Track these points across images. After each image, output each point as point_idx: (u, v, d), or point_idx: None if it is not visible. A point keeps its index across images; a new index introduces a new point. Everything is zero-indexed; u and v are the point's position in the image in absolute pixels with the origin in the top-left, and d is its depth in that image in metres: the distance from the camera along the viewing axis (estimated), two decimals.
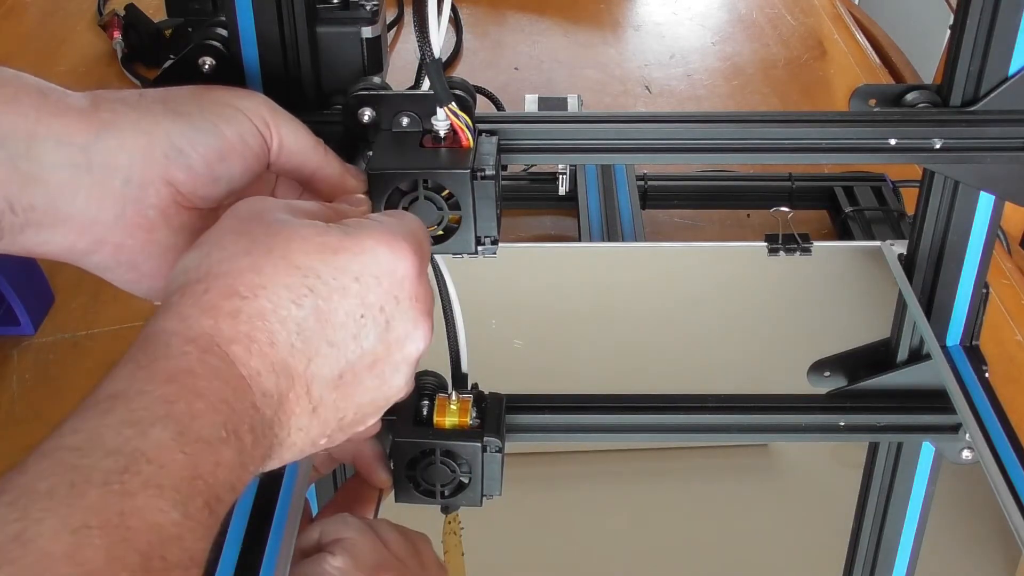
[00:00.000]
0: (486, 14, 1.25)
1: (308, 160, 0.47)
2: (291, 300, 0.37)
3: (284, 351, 0.37)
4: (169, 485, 0.32)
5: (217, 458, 0.34)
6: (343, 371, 0.39)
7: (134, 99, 0.44)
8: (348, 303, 0.38)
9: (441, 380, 0.61)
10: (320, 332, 0.37)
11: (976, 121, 0.58)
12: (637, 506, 0.64)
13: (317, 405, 0.38)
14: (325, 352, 0.38)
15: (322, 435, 0.40)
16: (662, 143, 0.58)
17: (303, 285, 0.37)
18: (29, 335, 0.74)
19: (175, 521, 0.31)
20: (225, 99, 0.45)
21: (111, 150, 0.42)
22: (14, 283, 0.72)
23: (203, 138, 0.43)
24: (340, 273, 0.38)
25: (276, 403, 0.37)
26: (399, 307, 0.39)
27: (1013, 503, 0.55)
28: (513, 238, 0.86)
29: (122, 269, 0.44)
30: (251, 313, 0.36)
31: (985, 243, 0.62)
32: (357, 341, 0.39)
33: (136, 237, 0.43)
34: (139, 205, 0.43)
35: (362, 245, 0.39)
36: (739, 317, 0.76)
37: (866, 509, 0.62)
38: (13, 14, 1.20)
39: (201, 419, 0.34)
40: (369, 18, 0.55)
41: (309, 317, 0.37)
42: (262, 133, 0.45)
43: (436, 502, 0.57)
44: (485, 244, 0.53)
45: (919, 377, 0.66)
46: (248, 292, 0.37)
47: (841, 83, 1.10)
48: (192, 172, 0.43)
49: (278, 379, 0.36)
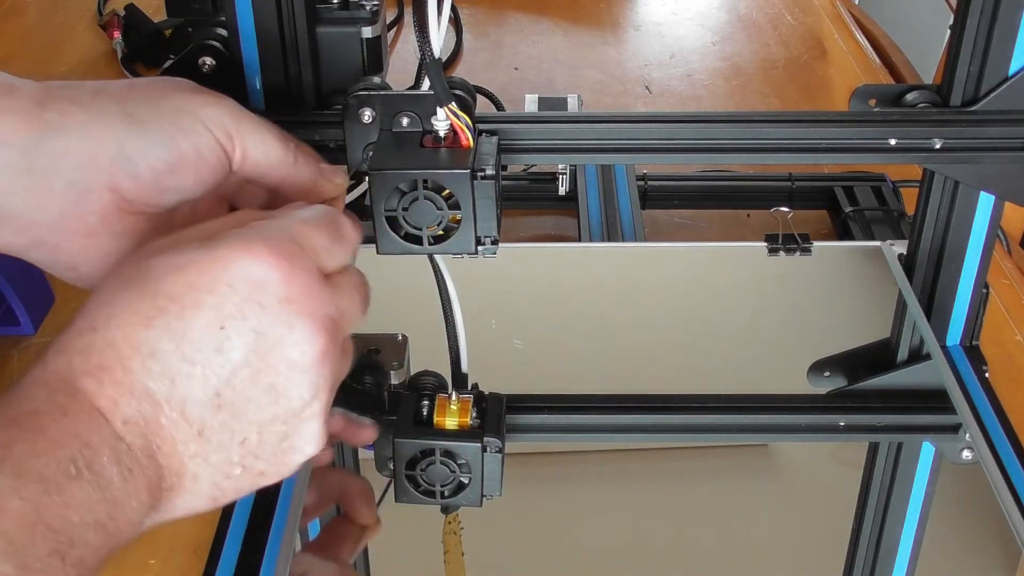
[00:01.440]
0: (486, 14, 1.25)
1: (275, 168, 0.46)
2: (140, 324, 0.36)
3: (141, 375, 0.35)
4: (1, 536, 0.30)
5: (65, 498, 0.32)
6: (218, 389, 0.36)
7: (87, 98, 0.42)
8: (203, 317, 0.36)
9: (441, 380, 0.61)
10: (176, 351, 0.36)
11: (976, 121, 0.58)
12: (637, 506, 0.64)
13: (201, 428, 0.36)
14: (187, 371, 0.36)
15: (228, 462, 0.38)
16: (662, 143, 0.58)
17: (153, 307, 0.36)
18: (29, 335, 0.74)
19: (7, 575, 0.30)
20: (187, 106, 0.43)
21: (54, 152, 0.41)
22: (14, 283, 0.72)
23: (155, 149, 0.42)
24: (189, 289, 0.36)
25: (145, 429, 0.35)
26: (266, 312, 0.37)
27: (1013, 503, 0.55)
28: (513, 238, 0.86)
29: (61, 268, 0.44)
30: (102, 345, 0.35)
31: (985, 243, 0.62)
32: (222, 355, 0.36)
33: (74, 242, 0.42)
34: (79, 211, 0.42)
35: (212, 256, 0.37)
36: (739, 317, 0.76)
37: (866, 509, 0.62)
38: (13, 14, 1.20)
39: (43, 457, 0.32)
40: (369, 18, 0.55)
41: (162, 338, 0.36)
42: (223, 146, 0.44)
43: (436, 502, 0.57)
44: (485, 244, 0.53)
45: (919, 377, 0.66)
46: (100, 324, 0.36)
47: (841, 83, 1.10)
48: (139, 181, 0.42)
49: (140, 404, 0.35)
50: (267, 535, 0.53)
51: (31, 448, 0.32)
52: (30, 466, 0.32)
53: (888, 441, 0.65)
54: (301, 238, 0.39)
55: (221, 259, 0.37)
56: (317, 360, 0.38)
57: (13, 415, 0.33)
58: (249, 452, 0.38)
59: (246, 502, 0.55)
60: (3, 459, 0.32)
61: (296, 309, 0.38)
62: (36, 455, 0.32)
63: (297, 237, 0.39)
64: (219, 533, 0.53)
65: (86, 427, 0.34)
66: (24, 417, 0.33)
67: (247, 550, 0.52)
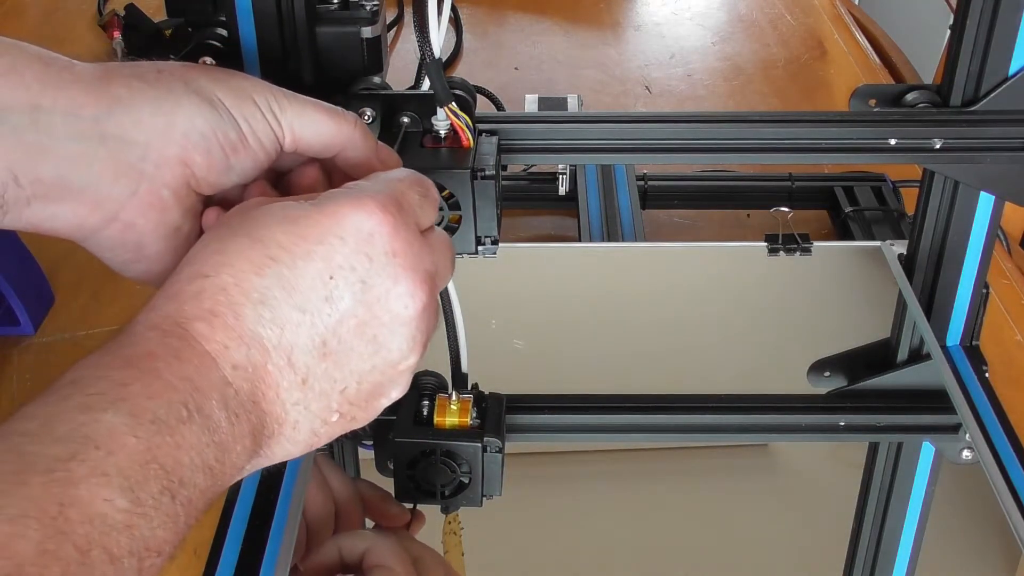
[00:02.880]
0: (486, 14, 1.25)
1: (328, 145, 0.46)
2: (252, 272, 0.36)
3: (251, 322, 0.36)
4: (116, 472, 0.31)
5: (177, 440, 0.33)
6: (325, 338, 0.37)
7: (152, 75, 0.42)
8: (314, 266, 0.37)
9: (441, 380, 0.61)
10: (287, 299, 0.37)
11: (976, 121, 0.58)
12: (637, 506, 0.64)
13: (306, 376, 0.37)
14: (297, 319, 0.37)
15: (328, 409, 0.39)
16: (662, 143, 0.58)
17: (265, 256, 0.37)
18: (29, 335, 0.74)
19: (122, 509, 0.30)
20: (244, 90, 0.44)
21: (126, 124, 0.41)
22: (14, 283, 0.72)
23: (223, 127, 0.42)
24: (302, 239, 0.37)
25: (252, 375, 0.36)
26: (373, 265, 0.38)
27: (1013, 503, 0.55)
28: (513, 238, 0.86)
29: (126, 249, 0.43)
30: (214, 290, 0.36)
31: (985, 243, 0.62)
32: (331, 304, 0.37)
33: (148, 217, 0.42)
34: (154, 183, 0.42)
35: (323, 210, 0.38)
36: (739, 317, 0.76)
37: (866, 509, 0.62)
38: (13, 14, 1.20)
39: (157, 399, 0.33)
40: (369, 18, 0.55)
41: (273, 286, 0.36)
42: (273, 130, 0.44)
43: (436, 502, 0.57)
44: (485, 244, 0.53)
45: (919, 377, 0.66)
46: (211, 271, 0.36)
47: (841, 83, 1.10)
48: (210, 157, 0.42)
49: (249, 350, 0.36)
50: (267, 535, 0.53)
51: (146, 390, 0.33)
52: (145, 407, 0.32)
53: (888, 441, 0.65)
54: (400, 196, 0.40)
55: (331, 213, 0.38)
56: (418, 314, 0.39)
57: (128, 356, 0.34)
58: (347, 400, 0.39)
59: (246, 502, 0.55)
60: (121, 398, 0.32)
61: (401, 263, 0.39)
62: (150, 396, 0.33)
63: (397, 195, 0.40)
64: (219, 533, 0.53)
65: (197, 371, 0.34)
66: (139, 359, 0.34)
67: (247, 550, 0.53)
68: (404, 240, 0.39)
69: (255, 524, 0.54)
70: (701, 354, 0.73)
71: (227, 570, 0.52)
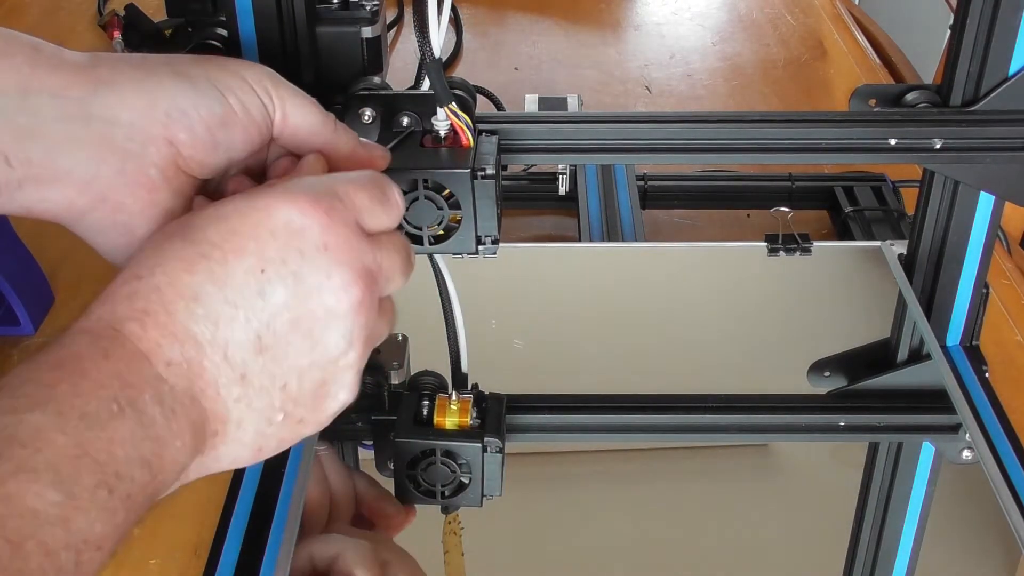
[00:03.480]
0: (486, 14, 1.25)
1: (315, 135, 0.46)
2: (184, 270, 0.37)
3: (184, 318, 0.36)
4: (46, 467, 0.31)
5: (109, 434, 0.33)
6: (259, 332, 0.38)
7: (137, 60, 0.43)
8: (246, 261, 0.37)
9: (441, 380, 0.61)
10: (218, 294, 0.37)
11: (976, 121, 0.58)
12: (637, 506, 0.64)
13: (244, 372, 0.37)
14: (230, 314, 0.37)
15: (271, 407, 0.39)
16: (662, 143, 0.58)
17: (197, 254, 0.37)
18: (29, 335, 0.74)
19: (55, 502, 0.31)
20: (229, 67, 0.44)
21: (110, 105, 0.41)
22: (14, 283, 0.72)
23: (206, 103, 0.43)
24: (232, 235, 0.38)
25: (188, 372, 0.36)
26: (305, 259, 0.38)
27: (1013, 503, 0.55)
28: (513, 238, 0.86)
29: (117, 232, 0.43)
30: (147, 291, 0.36)
31: (985, 243, 0.62)
32: (263, 298, 0.38)
33: (137, 197, 0.42)
34: (141, 162, 0.42)
35: (253, 204, 0.38)
36: (739, 317, 0.76)
37: (866, 509, 0.62)
38: (13, 14, 1.20)
39: (85, 396, 0.33)
40: (369, 18, 0.55)
41: (205, 282, 0.37)
42: (265, 104, 0.44)
43: (436, 502, 0.57)
44: (486, 244, 0.53)
45: (919, 377, 0.66)
46: (145, 272, 0.37)
47: (841, 83, 1.10)
48: (194, 134, 0.42)
49: (183, 347, 0.36)
50: (267, 535, 0.53)
51: (73, 388, 0.33)
52: (72, 404, 0.33)
53: (888, 441, 0.65)
54: (343, 194, 0.40)
55: (263, 207, 0.38)
56: (352, 308, 0.39)
57: (56, 359, 0.34)
58: (289, 398, 0.39)
59: (246, 502, 0.55)
60: (47, 399, 0.32)
61: (333, 257, 0.39)
62: (78, 395, 0.33)
63: (339, 192, 0.40)
64: (219, 533, 0.53)
65: (128, 368, 0.35)
66: (67, 361, 0.34)
67: (247, 550, 0.53)
68: (337, 234, 0.39)
69: (255, 524, 0.54)
70: (701, 354, 0.73)
71: (227, 570, 0.52)
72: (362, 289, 0.40)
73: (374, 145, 0.49)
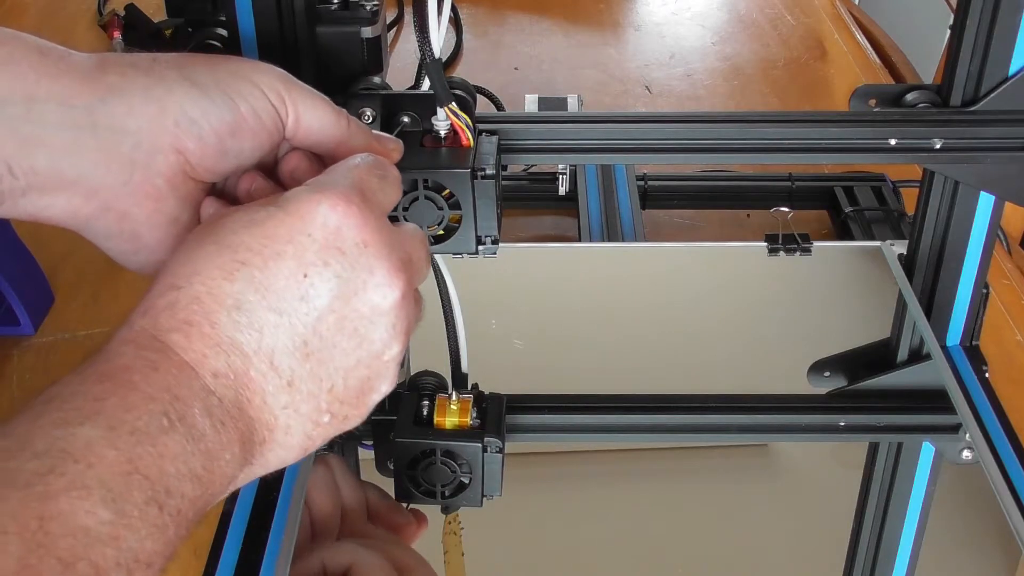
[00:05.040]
0: (486, 14, 1.25)
1: (328, 135, 0.45)
2: (223, 278, 0.36)
3: (228, 328, 0.36)
4: (97, 484, 0.30)
5: (159, 449, 0.32)
6: (306, 337, 0.37)
7: (146, 64, 0.42)
8: (285, 266, 0.37)
9: (441, 380, 0.61)
10: (261, 301, 0.36)
11: (976, 121, 0.58)
12: (637, 506, 0.64)
13: (291, 379, 0.37)
14: (274, 321, 0.36)
15: (318, 410, 0.38)
16: (662, 143, 0.58)
17: (234, 261, 0.37)
18: (29, 335, 0.74)
19: (106, 521, 0.30)
20: (241, 71, 0.43)
21: (118, 115, 0.41)
22: (14, 283, 0.72)
23: (216, 111, 0.42)
24: (270, 240, 0.37)
25: (235, 383, 0.36)
26: (346, 258, 0.38)
27: (1013, 503, 0.55)
28: (513, 238, 0.86)
29: (123, 239, 0.43)
30: (186, 301, 0.36)
31: (985, 243, 0.62)
32: (307, 302, 0.37)
33: (143, 206, 0.42)
34: (147, 172, 0.41)
35: (287, 209, 0.38)
36: (739, 317, 0.76)
37: (866, 509, 0.62)
38: (13, 14, 1.20)
39: (135, 411, 0.33)
40: (369, 18, 0.55)
41: (246, 290, 0.36)
42: (277, 110, 0.44)
43: (436, 502, 0.57)
44: (486, 244, 0.53)
45: (919, 377, 0.66)
46: (183, 282, 0.36)
47: (841, 83, 1.10)
48: (203, 143, 0.42)
49: (229, 357, 0.36)
50: (267, 535, 0.53)
51: (123, 402, 0.33)
52: (122, 419, 0.32)
53: (888, 441, 0.65)
54: (362, 184, 0.40)
55: (295, 211, 0.38)
56: (397, 302, 0.39)
57: (104, 371, 0.34)
58: (336, 399, 0.39)
59: (246, 502, 0.55)
60: (96, 412, 0.32)
61: (374, 252, 0.38)
62: (128, 409, 0.33)
63: (359, 183, 0.40)
64: (219, 533, 0.53)
65: (176, 381, 0.34)
66: (114, 373, 0.34)
67: (247, 550, 0.52)
68: (373, 229, 0.39)
69: (255, 524, 0.54)
70: (701, 354, 0.73)
71: (227, 570, 0.52)
72: (405, 281, 0.39)
73: (388, 137, 0.49)
